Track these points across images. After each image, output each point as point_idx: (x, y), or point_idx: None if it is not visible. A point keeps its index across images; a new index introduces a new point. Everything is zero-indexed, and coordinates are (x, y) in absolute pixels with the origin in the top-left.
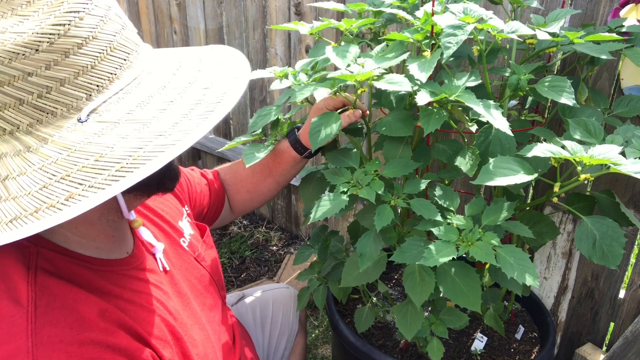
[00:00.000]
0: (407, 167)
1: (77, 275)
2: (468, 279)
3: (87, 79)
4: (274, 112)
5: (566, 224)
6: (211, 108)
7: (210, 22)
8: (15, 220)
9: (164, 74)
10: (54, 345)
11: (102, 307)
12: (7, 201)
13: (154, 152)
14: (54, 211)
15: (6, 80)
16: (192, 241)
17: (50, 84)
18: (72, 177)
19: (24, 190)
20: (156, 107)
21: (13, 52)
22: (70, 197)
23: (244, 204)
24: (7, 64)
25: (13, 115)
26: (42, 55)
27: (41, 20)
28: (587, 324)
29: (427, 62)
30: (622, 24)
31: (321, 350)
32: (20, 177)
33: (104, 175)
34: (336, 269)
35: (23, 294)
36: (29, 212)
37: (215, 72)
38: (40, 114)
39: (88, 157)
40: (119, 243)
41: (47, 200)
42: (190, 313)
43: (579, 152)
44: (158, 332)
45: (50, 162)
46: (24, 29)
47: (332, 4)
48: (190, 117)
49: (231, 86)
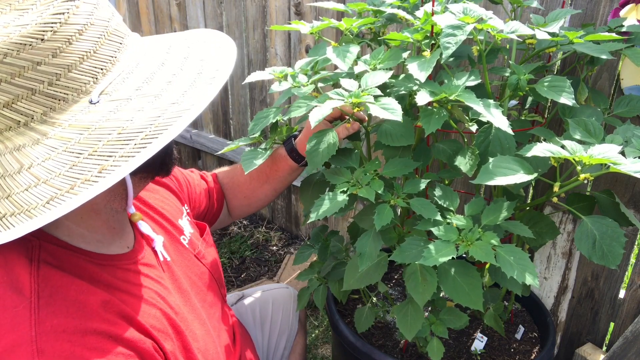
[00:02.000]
0: (407, 167)
1: (80, 268)
2: (469, 278)
3: (92, 63)
4: (273, 115)
5: (566, 224)
6: (213, 74)
7: (210, 22)
8: (53, 200)
9: (158, 53)
10: (57, 334)
11: (105, 299)
12: (37, 186)
13: (173, 118)
14: (90, 184)
15: (17, 71)
16: (192, 239)
17: (59, 70)
18: (100, 151)
19: (53, 172)
20: (162, 80)
21: (20, 44)
22: (102, 169)
23: (241, 209)
24: (15, 56)
25: (26, 106)
26: (48, 44)
27: (41, 11)
28: (587, 324)
29: (427, 62)
30: (622, 24)
31: (321, 350)
32: (45, 162)
33: (130, 145)
34: (336, 269)
35: (26, 285)
36: (64, 190)
37: (204, 48)
38: (53, 101)
39: (110, 132)
40: (119, 236)
41: (80, 177)
42: (190, 308)
43: (579, 151)
44: (159, 325)
45: (74, 143)
46: (27, 21)
47: (331, 3)
48: (196, 85)
49: (224, 55)
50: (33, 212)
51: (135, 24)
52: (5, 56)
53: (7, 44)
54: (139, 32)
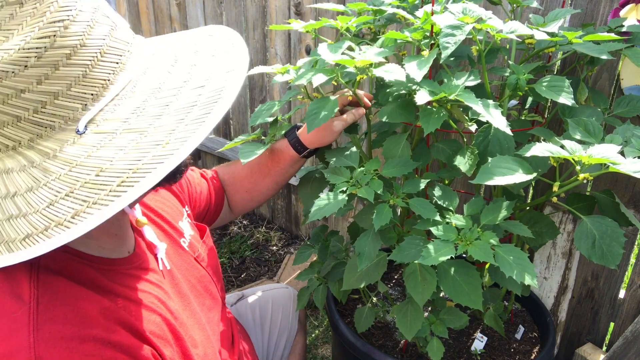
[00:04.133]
0: (406, 167)
1: (79, 273)
2: (468, 278)
3: (81, 89)
4: (277, 106)
5: (566, 224)
6: (207, 110)
7: (210, 22)
8: (28, 238)
9: (158, 71)
10: (56, 341)
11: (104, 305)
12: (18, 218)
13: (153, 164)
14: (62, 229)
15: (0, 99)
16: (192, 241)
17: (44, 98)
18: (76, 193)
19: (32, 207)
20: (152, 113)
21: (2, 71)
22: (75, 214)
23: (243, 204)
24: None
25: (13, 132)
26: (32, 70)
27: (26, 34)
28: (587, 324)
29: (424, 61)
30: (622, 24)
31: (321, 350)
32: (27, 194)
33: (105, 191)
34: (336, 269)
35: (25, 290)
36: (39, 230)
37: (212, 65)
38: (39, 128)
39: (89, 172)
40: (121, 242)
41: (55, 218)
42: (190, 313)
43: (578, 151)
44: (159, 331)
45: (54, 179)
46: (10, 46)
47: (331, 4)
48: (186, 122)
49: (228, 82)
50: (11, 245)
51: (135, 24)
52: None
53: None
54: (139, 32)
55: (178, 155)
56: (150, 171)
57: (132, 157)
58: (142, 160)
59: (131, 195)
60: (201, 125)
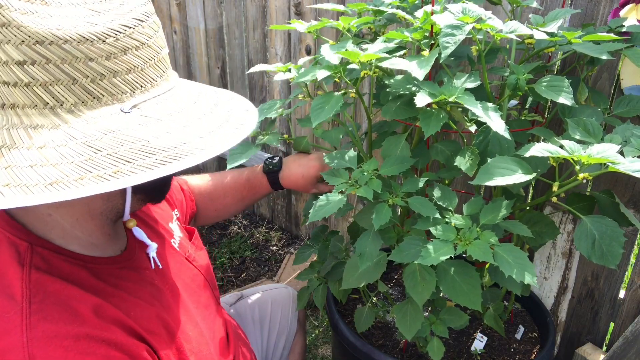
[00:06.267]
0: (404, 164)
1: (71, 273)
2: (468, 278)
3: (135, 77)
4: (278, 105)
5: (566, 224)
6: (241, 121)
7: (210, 22)
8: (57, 183)
9: (191, 93)
10: (49, 340)
11: (96, 304)
12: (44, 167)
13: (196, 148)
14: (100, 180)
15: (68, 58)
16: (182, 242)
17: (106, 72)
18: (120, 154)
19: (65, 159)
20: (193, 115)
21: (83, 37)
22: (118, 171)
23: (208, 220)
24: (74, 45)
25: (62, 92)
26: (107, 47)
27: (112, 19)
28: (587, 324)
29: (425, 60)
30: (622, 24)
31: (321, 350)
32: (60, 147)
33: (151, 159)
34: (336, 269)
35: (17, 290)
36: (72, 178)
37: (231, 103)
38: (87, 96)
39: (135, 140)
40: (113, 241)
41: (93, 171)
42: (183, 310)
43: (577, 151)
44: (152, 327)
45: (95, 140)
46: (98, 22)
47: (331, 5)
48: (224, 127)
49: (248, 112)
50: (32, 188)
51: None
52: (66, 42)
53: (71, 33)
54: None
55: (218, 148)
56: (195, 153)
57: (178, 139)
58: (187, 144)
59: (175, 167)
60: (237, 131)
